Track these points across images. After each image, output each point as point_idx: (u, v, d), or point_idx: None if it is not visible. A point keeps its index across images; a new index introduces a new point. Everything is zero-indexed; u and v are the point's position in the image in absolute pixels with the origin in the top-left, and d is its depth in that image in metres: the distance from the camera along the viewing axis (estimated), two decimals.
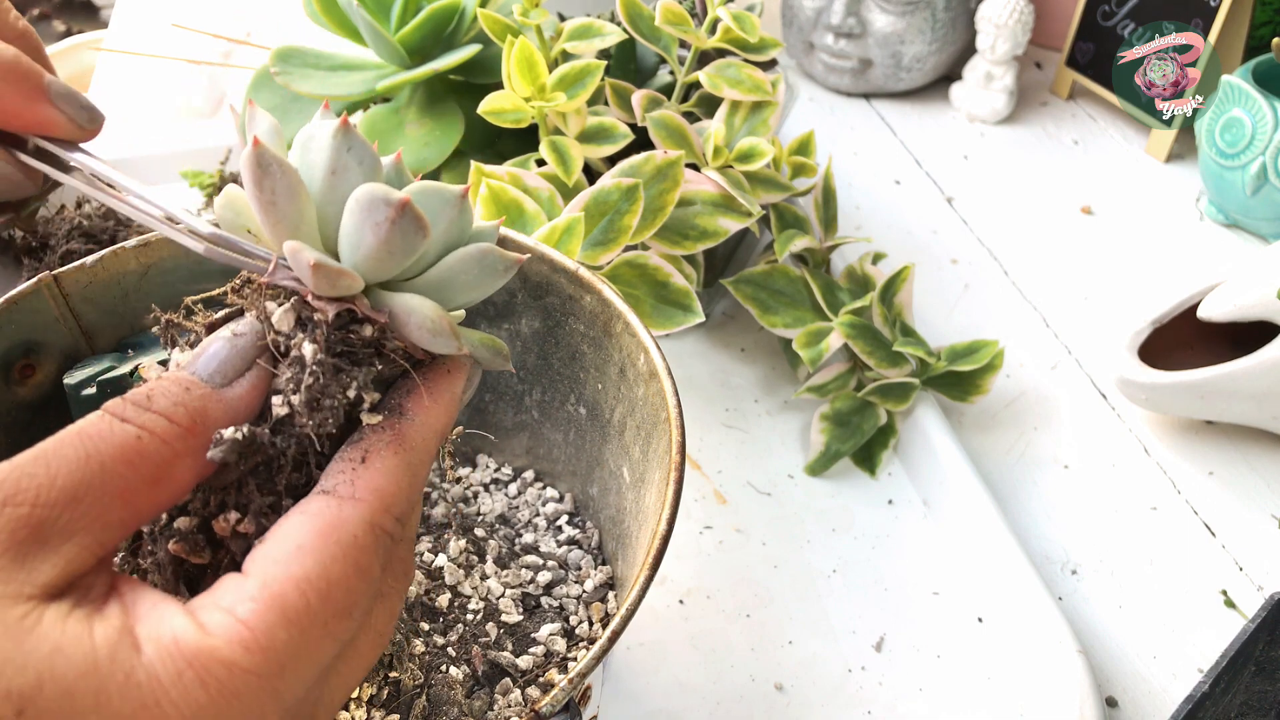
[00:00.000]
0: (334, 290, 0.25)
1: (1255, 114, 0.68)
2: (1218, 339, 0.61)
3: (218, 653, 0.21)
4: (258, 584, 0.22)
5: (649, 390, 0.36)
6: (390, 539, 0.24)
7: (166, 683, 0.20)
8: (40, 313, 0.38)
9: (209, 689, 0.20)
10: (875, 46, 0.88)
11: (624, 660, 0.48)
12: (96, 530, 0.21)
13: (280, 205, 0.25)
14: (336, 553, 0.23)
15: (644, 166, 0.51)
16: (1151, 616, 0.51)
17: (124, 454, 0.22)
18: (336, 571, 0.23)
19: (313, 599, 0.22)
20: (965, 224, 0.78)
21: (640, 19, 0.58)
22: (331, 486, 0.24)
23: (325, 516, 0.23)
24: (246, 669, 0.21)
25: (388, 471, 0.24)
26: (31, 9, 1.00)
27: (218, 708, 0.21)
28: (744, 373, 0.64)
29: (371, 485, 0.24)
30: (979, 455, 0.59)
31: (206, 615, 0.21)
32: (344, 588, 0.23)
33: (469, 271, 0.26)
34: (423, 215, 0.24)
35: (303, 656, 0.22)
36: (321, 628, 0.22)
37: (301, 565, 0.22)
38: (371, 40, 0.57)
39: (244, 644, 0.21)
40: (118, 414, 0.22)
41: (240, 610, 0.21)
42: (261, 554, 0.23)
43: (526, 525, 0.45)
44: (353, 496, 0.24)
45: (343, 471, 0.24)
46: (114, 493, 0.22)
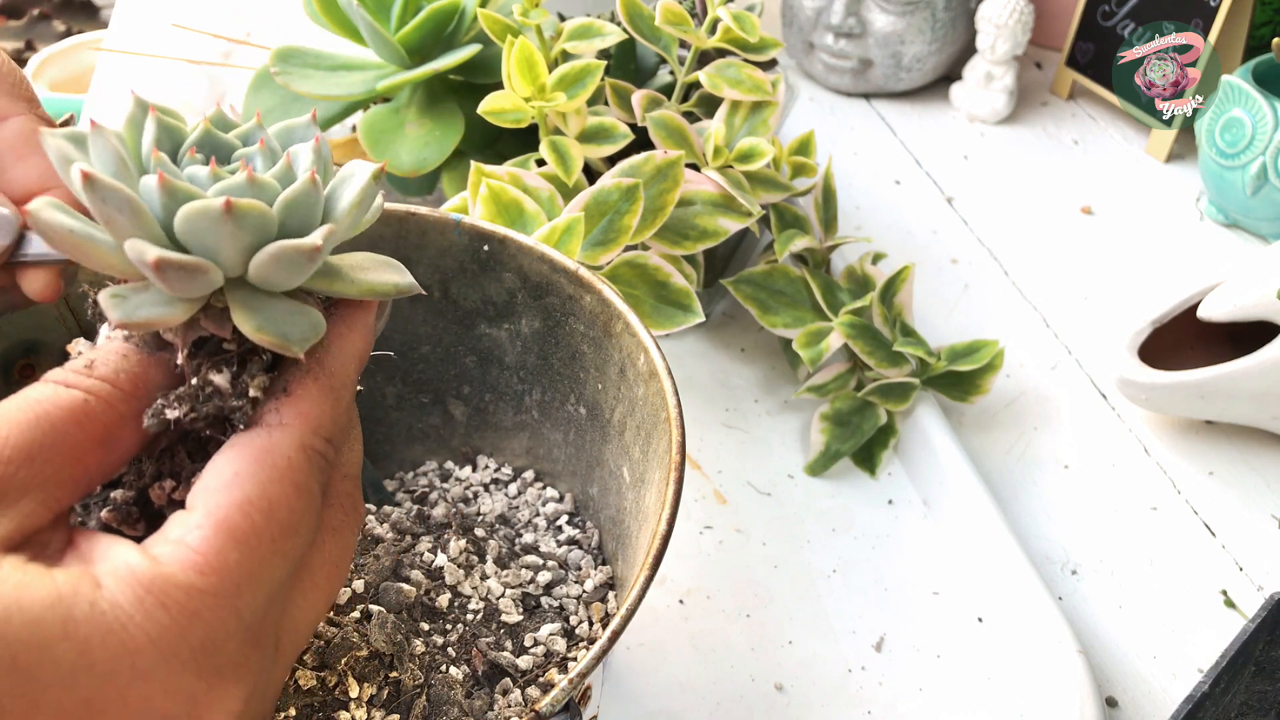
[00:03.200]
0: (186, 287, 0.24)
1: (1255, 114, 0.68)
2: (1218, 339, 0.61)
3: (174, 578, 0.22)
4: (203, 513, 0.23)
5: (649, 390, 0.36)
6: (323, 459, 0.25)
7: (129, 608, 0.21)
8: (40, 313, 0.38)
9: (170, 611, 0.21)
10: (875, 46, 0.88)
11: (624, 660, 0.48)
12: (50, 488, 0.22)
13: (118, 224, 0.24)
14: (273, 474, 0.24)
15: (644, 166, 0.51)
16: (1151, 616, 0.51)
17: (73, 416, 0.23)
18: (275, 491, 0.24)
19: (257, 519, 0.23)
20: (965, 224, 0.78)
21: (640, 19, 0.58)
22: (258, 418, 0.25)
23: (256, 443, 0.24)
24: (203, 590, 0.22)
25: (310, 398, 0.26)
26: (31, 9, 1.00)
27: (180, 627, 0.21)
28: (744, 373, 0.64)
29: (296, 410, 0.25)
30: (979, 455, 0.59)
31: (158, 549, 0.22)
32: (285, 506, 0.24)
33: (277, 274, 0.25)
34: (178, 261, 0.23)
35: (256, 574, 0.23)
36: (270, 545, 0.23)
37: (242, 489, 0.23)
38: (371, 40, 0.57)
39: (197, 568, 0.22)
40: (62, 381, 0.24)
41: (190, 538, 0.22)
42: (200, 487, 0.24)
43: (526, 525, 0.45)
44: (280, 424, 0.25)
45: (268, 404, 0.25)
46: (65, 452, 0.23)
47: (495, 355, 0.45)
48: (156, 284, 0.24)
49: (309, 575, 0.26)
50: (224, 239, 0.24)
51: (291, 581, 0.25)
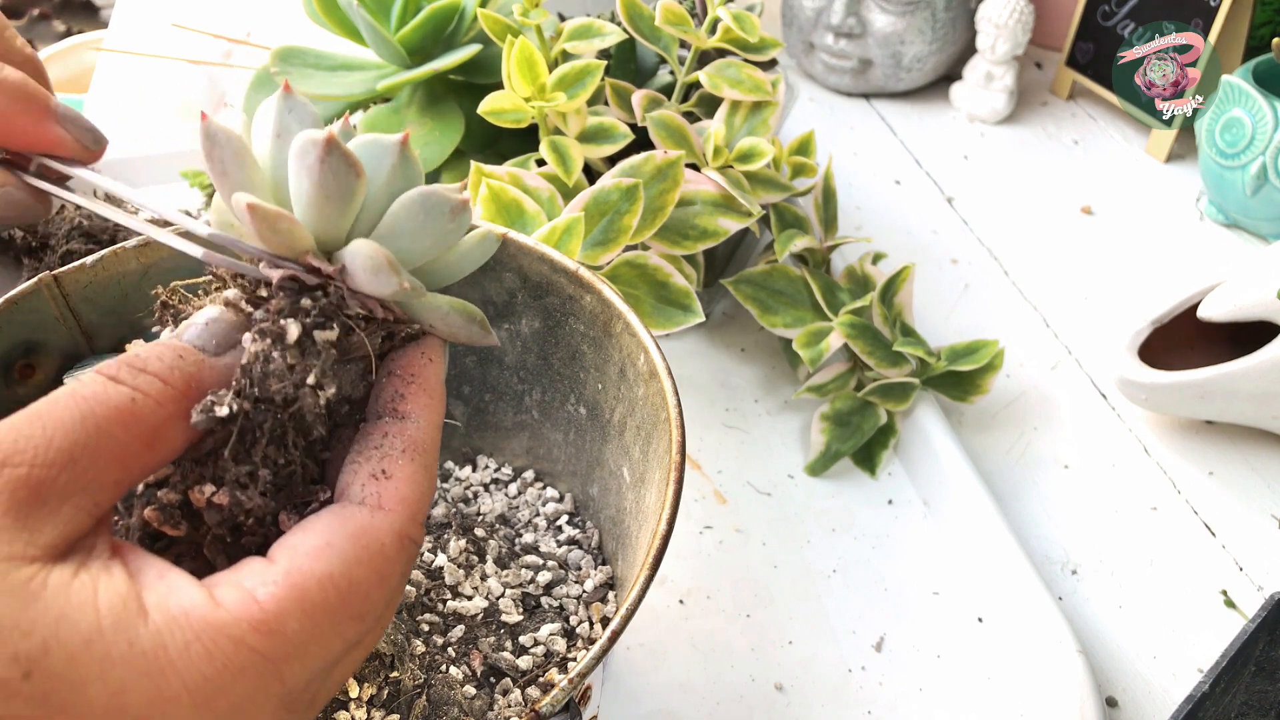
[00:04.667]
0: (278, 238, 0.25)
1: (1255, 114, 0.68)
2: (1218, 339, 0.61)
3: (228, 628, 0.21)
4: (282, 571, 0.22)
5: (649, 390, 0.36)
6: (415, 546, 0.25)
7: (173, 652, 0.20)
8: (40, 313, 0.38)
9: (215, 662, 0.21)
10: (875, 46, 0.88)
11: (624, 660, 0.48)
12: (93, 491, 0.22)
13: (230, 173, 0.25)
14: (363, 557, 0.23)
15: (644, 166, 0.51)
16: (1151, 616, 0.51)
17: (119, 415, 0.22)
18: (360, 575, 0.23)
19: (333, 597, 0.22)
20: (965, 224, 0.78)
21: (640, 19, 0.58)
22: (360, 498, 0.24)
23: (357, 520, 0.24)
24: (254, 648, 0.21)
25: (410, 480, 0.25)
26: (31, 9, 1.00)
27: (222, 681, 0.21)
28: (744, 373, 0.64)
29: (398, 496, 0.25)
30: (979, 455, 0.59)
31: (222, 591, 0.22)
32: (364, 592, 0.23)
33: (414, 217, 0.26)
34: (350, 152, 0.24)
35: (311, 649, 0.22)
36: (334, 626, 0.23)
37: (328, 562, 0.23)
38: (371, 40, 0.57)
39: (254, 624, 0.21)
40: (112, 376, 0.23)
41: (260, 592, 0.22)
42: (289, 544, 0.23)
43: (526, 525, 0.45)
44: (381, 507, 0.24)
45: (366, 485, 0.25)
46: (109, 454, 0.22)
47: (495, 355, 0.45)
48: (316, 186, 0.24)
49: (359, 646, 0.25)
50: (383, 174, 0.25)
51: (352, 649, 0.24)
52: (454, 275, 0.29)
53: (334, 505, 0.24)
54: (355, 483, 0.25)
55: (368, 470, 0.25)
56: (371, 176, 0.26)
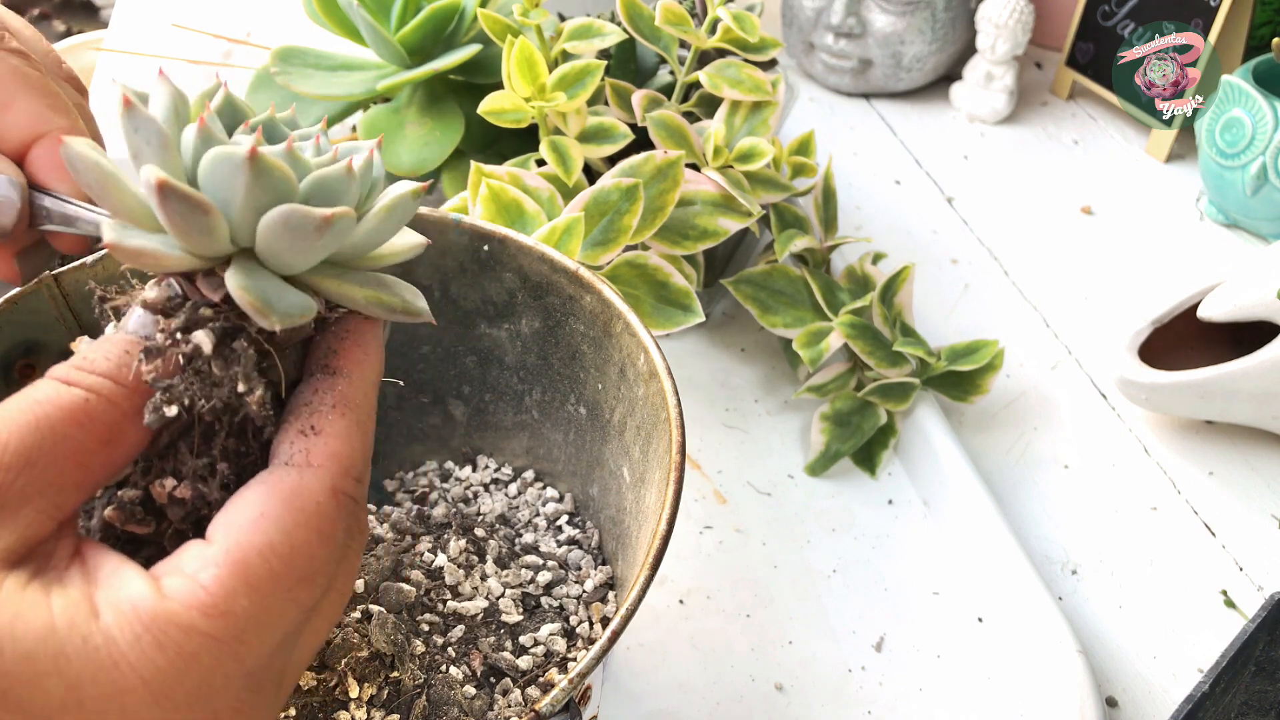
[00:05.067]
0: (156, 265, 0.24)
1: (1255, 114, 0.68)
2: (1218, 339, 0.61)
3: (175, 617, 0.21)
4: (221, 550, 0.22)
5: (649, 390, 0.36)
6: (353, 502, 0.24)
7: (124, 646, 0.20)
8: (40, 313, 0.38)
9: (166, 652, 0.21)
10: (875, 46, 0.88)
11: (624, 660, 0.48)
12: (52, 494, 0.22)
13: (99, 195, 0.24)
14: (300, 519, 0.23)
15: (644, 166, 0.51)
16: (1151, 616, 0.51)
17: (73, 416, 0.22)
18: (300, 538, 0.23)
19: (276, 565, 0.22)
20: (965, 224, 0.78)
21: (640, 19, 0.58)
22: (288, 457, 0.24)
23: (287, 483, 0.23)
24: (205, 632, 0.21)
25: (340, 435, 0.24)
26: (31, 9, 1.00)
27: (176, 669, 0.21)
28: (744, 373, 0.64)
29: (328, 451, 0.24)
30: (979, 455, 0.59)
31: (167, 580, 0.22)
32: (307, 554, 0.23)
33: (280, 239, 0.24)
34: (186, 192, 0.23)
35: (265, 622, 0.22)
36: (285, 594, 0.22)
37: (265, 532, 0.22)
38: (371, 40, 0.57)
39: (202, 608, 0.21)
40: (62, 379, 0.23)
41: (202, 576, 0.22)
42: (224, 521, 0.23)
43: (526, 525, 0.45)
44: (309, 464, 0.24)
45: (294, 442, 0.24)
46: (67, 455, 0.22)
47: (495, 355, 0.45)
48: (159, 214, 0.23)
49: (318, 611, 0.25)
50: (240, 192, 0.23)
51: (309, 614, 0.24)
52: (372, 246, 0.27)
53: (263, 472, 0.24)
54: (284, 442, 0.24)
55: (295, 428, 0.24)
56: (228, 197, 0.24)
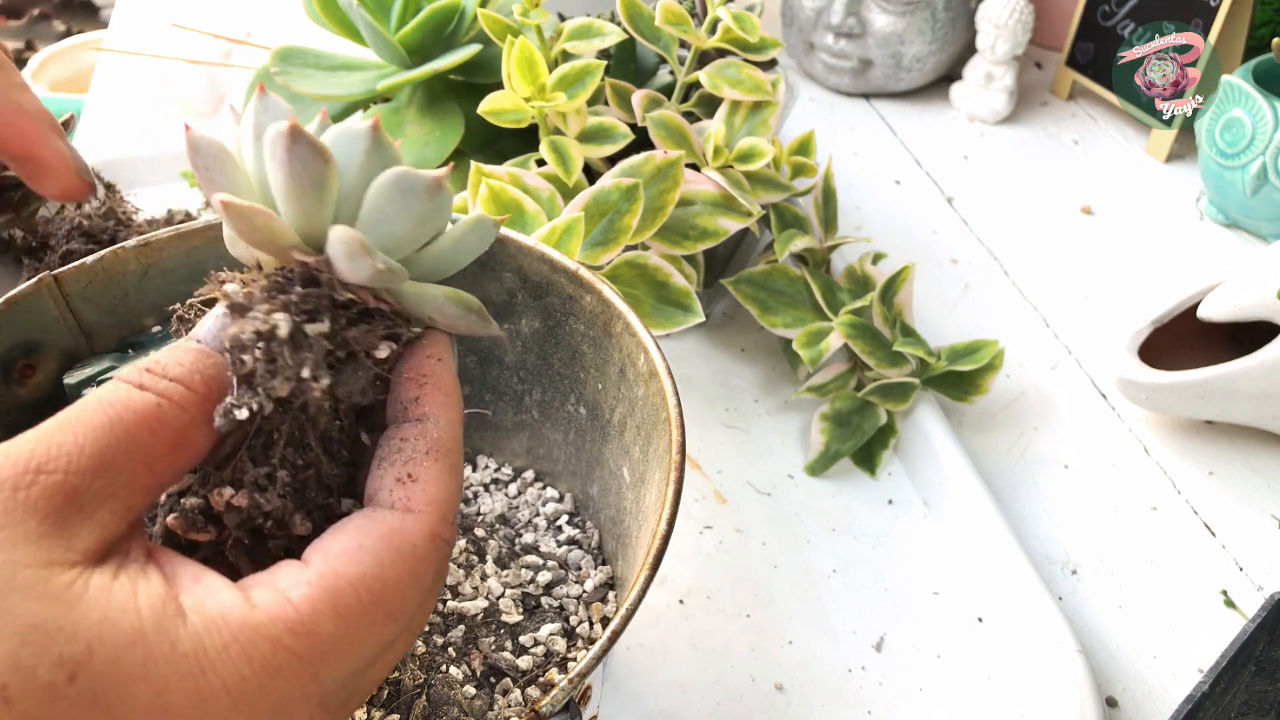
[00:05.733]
0: (258, 235, 0.25)
1: (1255, 114, 0.68)
2: (1218, 339, 0.61)
3: (263, 629, 0.21)
4: (315, 574, 0.23)
5: (649, 390, 0.36)
6: (448, 546, 0.25)
7: (212, 653, 0.21)
8: (40, 313, 0.38)
9: (253, 663, 0.21)
10: (875, 46, 0.88)
11: (624, 660, 0.48)
12: (124, 495, 0.22)
13: (215, 179, 0.25)
14: (396, 559, 0.23)
15: (644, 166, 0.51)
16: (1151, 616, 0.51)
17: (146, 421, 0.22)
18: (392, 576, 0.23)
19: (365, 598, 0.23)
20: (965, 224, 0.78)
21: (640, 19, 0.58)
22: (389, 502, 0.25)
23: (388, 523, 0.24)
24: (290, 649, 0.21)
25: (436, 481, 0.25)
26: (31, 9, 1.00)
27: (260, 681, 0.21)
28: (744, 373, 0.64)
29: (427, 498, 0.25)
30: (979, 455, 0.59)
31: (258, 593, 0.22)
32: (398, 592, 0.23)
33: (390, 199, 0.26)
34: (315, 139, 0.24)
35: (346, 649, 0.23)
36: (368, 626, 0.23)
37: (360, 564, 0.23)
38: (371, 40, 0.57)
39: (290, 626, 0.22)
40: (135, 382, 0.23)
41: (294, 594, 0.22)
42: (323, 547, 0.23)
43: (526, 525, 0.45)
44: (410, 509, 0.25)
45: (393, 490, 0.25)
46: (139, 458, 0.22)
47: (495, 355, 0.45)
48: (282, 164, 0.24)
49: (392, 646, 0.25)
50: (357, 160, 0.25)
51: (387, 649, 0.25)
52: (450, 265, 0.29)
53: (364, 510, 0.25)
54: (383, 489, 0.25)
55: (393, 475, 0.25)
56: (345, 166, 0.26)
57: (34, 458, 0.21)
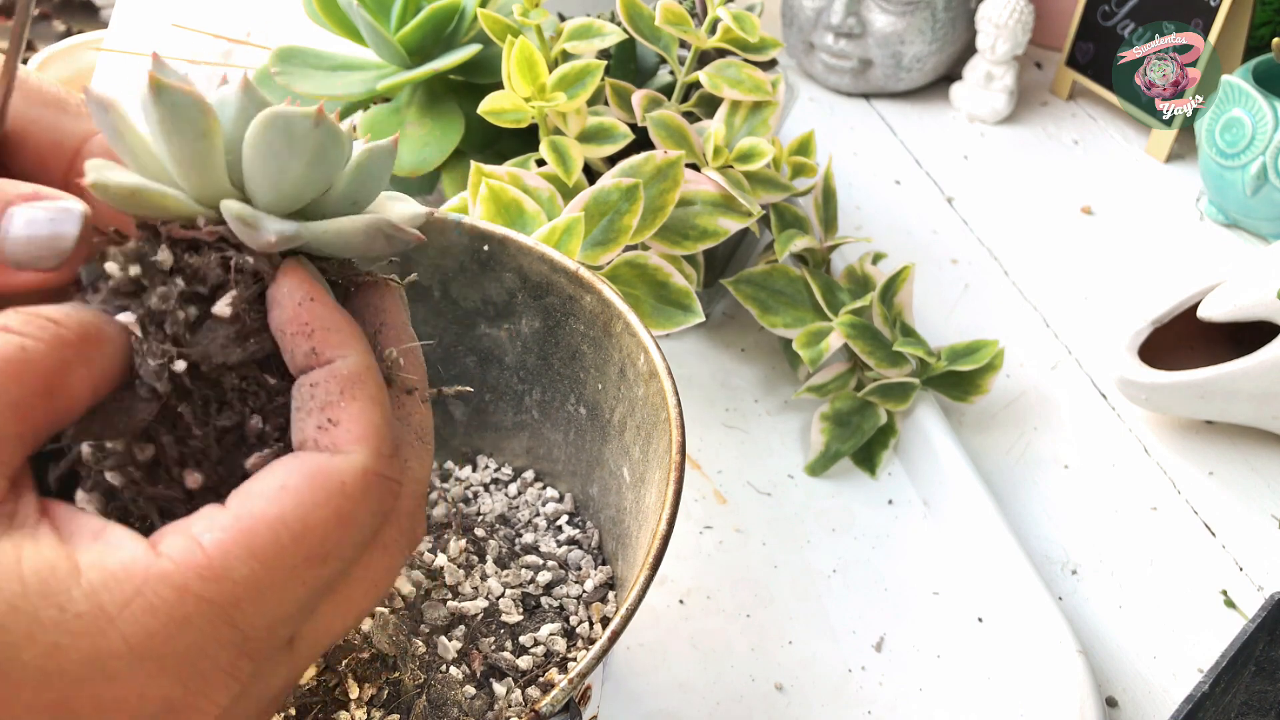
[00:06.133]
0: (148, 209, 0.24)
1: (1255, 114, 0.68)
2: (1218, 339, 0.61)
3: (170, 578, 0.20)
4: (231, 516, 0.22)
5: (649, 390, 0.36)
6: (389, 482, 0.24)
7: (111, 608, 0.20)
8: None
9: (158, 614, 0.20)
10: (875, 46, 0.88)
11: (624, 660, 0.48)
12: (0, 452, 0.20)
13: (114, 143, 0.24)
14: (321, 498, 0.22)
15: (644, 166, 0.51)
16: (1151, 616, 0.51)
17: (9, 366, 0.21)
18: (316, 516, 0.22)
19: (284, 538, 0.22)
20: (965, 224, 0.78)
21: (640, 19, 0.58)
22: (311, 444, 0.23)
23: (315, 462, 0.23)
24: (199, 595, 0.21)
25: (360, 418, 0.24)
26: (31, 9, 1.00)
27: (168, 633, 0.20)
28: (744, 373, 0.64)
29: (353, 436, 0.23)
30: (979, 455, 0.59)
31: (167, 541, 0.21)
32: (321, 533, 0.22)
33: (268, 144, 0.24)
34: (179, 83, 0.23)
35: (265, 593, 0.21)
36: (288, 569, 0.22)
37: (280, 504, 0.22)
38: (371, 40, 0.57)
39: (199, 570, 0.21)
40: (2, 326, 0.21)
41: (205, 538, 0.21)
42: (244, 489, 0.22)
43: (526, 525, 0.45)
44: (338, 450, 0.23)
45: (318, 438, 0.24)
46: (5, 407, 0.21)
47: (495, 355, 0.45)
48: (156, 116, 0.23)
49: (345, 589, 0.24)
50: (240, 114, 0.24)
51: (321, 594, 0.23)
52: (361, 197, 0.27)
53: (292, 453, 0.23)
54: (307, 438, 0.24)
55: (313, 424, 0.24)
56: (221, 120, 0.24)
57: None
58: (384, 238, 0.26)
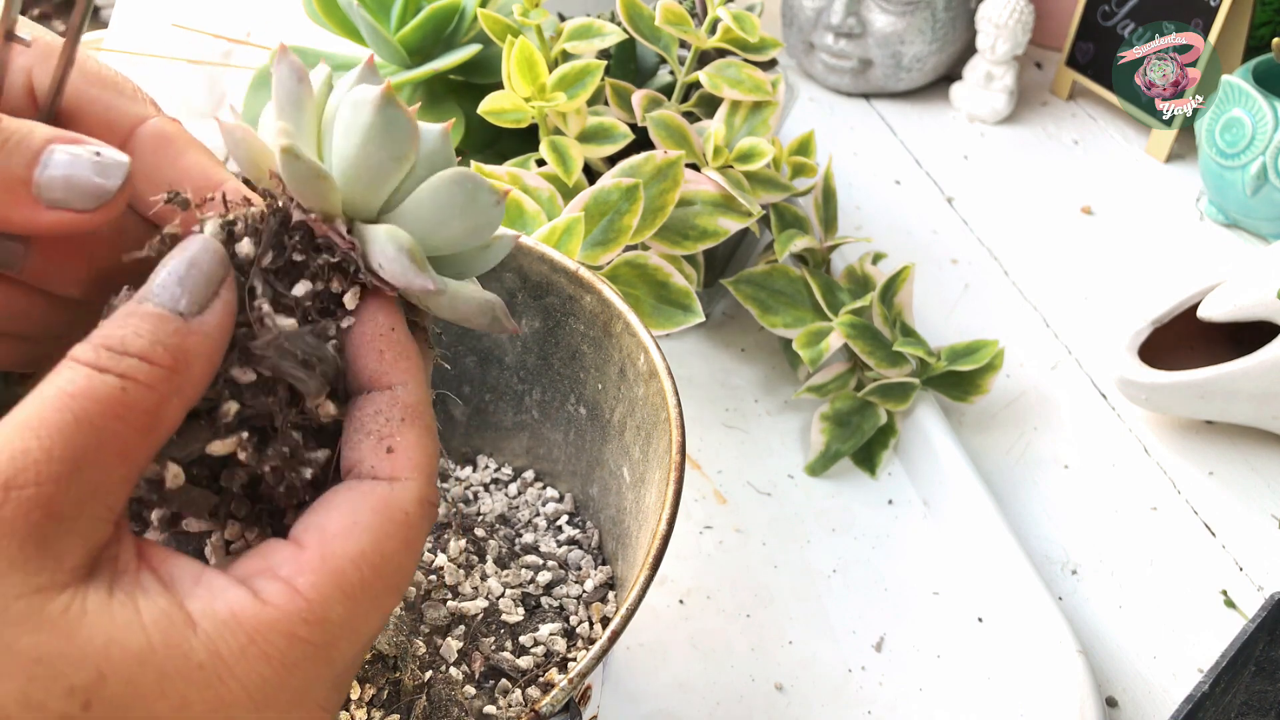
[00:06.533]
0: (306, 193, 0.24)
1: (1255, 114, 0.68)
2: (1218, 339, 0.61)
3: (279, 625, 0.21)
4: (317, 557, 0.22)
5: (649, 390, 0.36)
6: (435, 508, 0.25)
7: (230, 659, 0.20)
8: None
9: (271, 661, 0.21)
10: (875, 46, 0.88)
11: (624, 660, 0.48)
12: (103, 495, 0.20)
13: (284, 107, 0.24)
14: (391, 530, 0.23)
15: (644, 166, 0.51)
16: (1151, 616, 0.51)
17: (113, 409, 0.21)
18: (390, 548, 0.23)
19: (368, 574, 0.22)
20: (965, 224, 0.78)
21: (640, 19, 0.58)
22: (372, 474, 0.24)
23: (378, 493, 0.24)
24: (305, 639, 0.21)
25: (415, 446, 0.25)
26: (32, 9, 1.00)
27: (280, 679, 0.21)
28: (744, 373, 0.64)
29: (410, 465, 0.24)
30: (979, 455, 0.59)
31: (263, 586, 0.22)
32: (395, 564, 0.23)
33: (451, 200, 0.25)
34: (407, 109, 0.24)
35: (355, 628, 0.22)
36: (373, 602, 0.23)
37: (358, 541, 0.23)
38: (371, 40, 0.57)
39: (303, 617, 0.21)
40: (95, 365, 0.21)
41: (300, 582, 0.22)
42: (316, 525, 0.23)
43: (526, 525, 0.45)
44: (396, 478, 0.24)
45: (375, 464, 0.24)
46: (111, 452, 0.21)
47: (495, 355, 0.45)
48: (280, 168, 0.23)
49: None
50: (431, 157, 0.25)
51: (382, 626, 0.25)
52: (472, 270, 0.28)
53: (349, 482, 0.24)
54: (364, 460, 0.24)
55: (371, 446, 0.25)
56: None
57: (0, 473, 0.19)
58: (491, 317, 0.28)
